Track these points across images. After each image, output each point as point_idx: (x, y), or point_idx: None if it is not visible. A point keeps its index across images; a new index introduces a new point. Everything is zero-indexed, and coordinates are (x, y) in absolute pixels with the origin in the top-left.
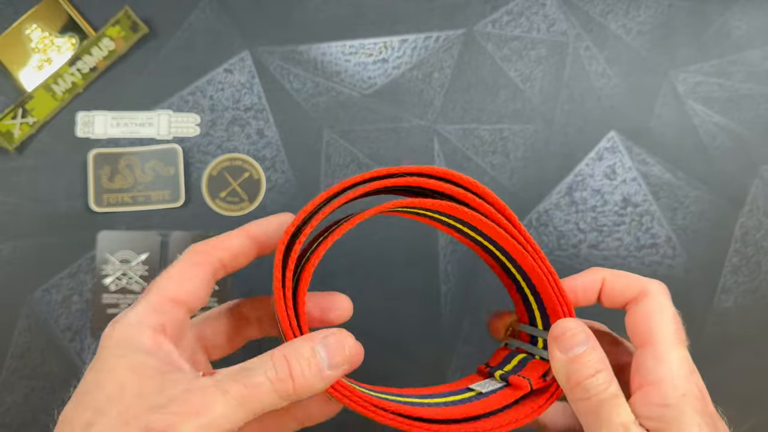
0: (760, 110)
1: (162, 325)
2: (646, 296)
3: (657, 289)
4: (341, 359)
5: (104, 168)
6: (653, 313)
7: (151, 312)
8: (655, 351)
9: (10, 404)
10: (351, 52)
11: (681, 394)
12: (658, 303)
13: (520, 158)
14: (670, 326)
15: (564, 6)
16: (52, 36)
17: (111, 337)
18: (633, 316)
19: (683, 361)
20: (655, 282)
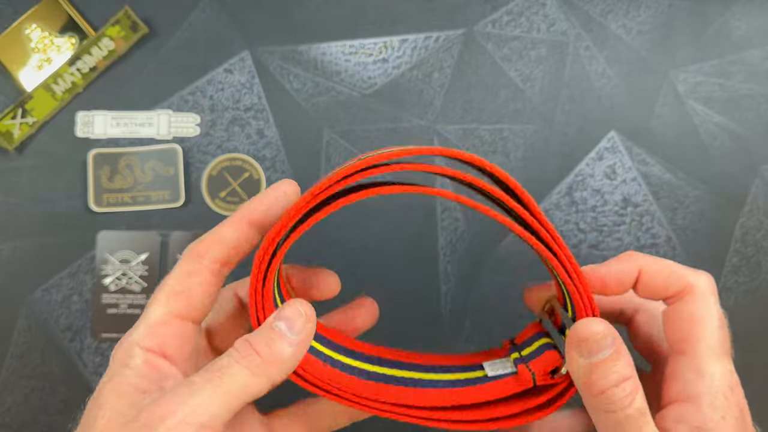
0: (760, 110)
1: (160, 346)
2: (692, 294)
3: (705, 287)
4: (301, 323)
5: (104, 168)
6: (699, 316)
7: (149, 332)
8: (696, 362)
9: (10, 404)
10: (351, 52)
11: (721, 416)
12: (705, 304)
13: (520, 158)
14: (716, 334)
15: (564, 6)
16: (52, 36)
17: (113, 359)
18: (674, 315)
19: (726, 376)
20: (702, 276)
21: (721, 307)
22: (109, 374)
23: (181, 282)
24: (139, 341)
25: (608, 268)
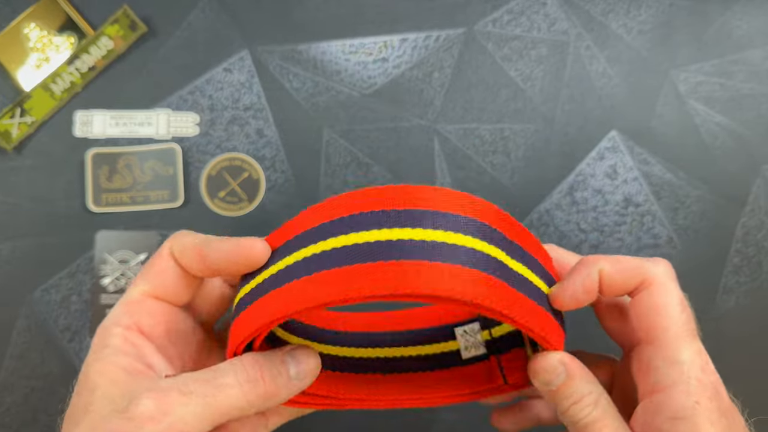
0: (761, 110)
1: (136, 323)
2: (650, 285)
3: (662, 275)
4: (306, 371)
5: (103, 168)
6: (660, 305)
7: (125, 311)
8: (665, 351)
9: (10, 404)
10: (351, 52)
11: (695, 402)
12: (664, 293)
13: (520, 158)
14: (679, 320)
15: (565, 5)
16: (51, 35)
17: (94, 341)
18: (637, 307)
19: (695, 359)
20: (659, 265)
21: (681, 290)
22: (93, 355)
23: (159, 264)
24: (116, 321)
25: (574, 283)
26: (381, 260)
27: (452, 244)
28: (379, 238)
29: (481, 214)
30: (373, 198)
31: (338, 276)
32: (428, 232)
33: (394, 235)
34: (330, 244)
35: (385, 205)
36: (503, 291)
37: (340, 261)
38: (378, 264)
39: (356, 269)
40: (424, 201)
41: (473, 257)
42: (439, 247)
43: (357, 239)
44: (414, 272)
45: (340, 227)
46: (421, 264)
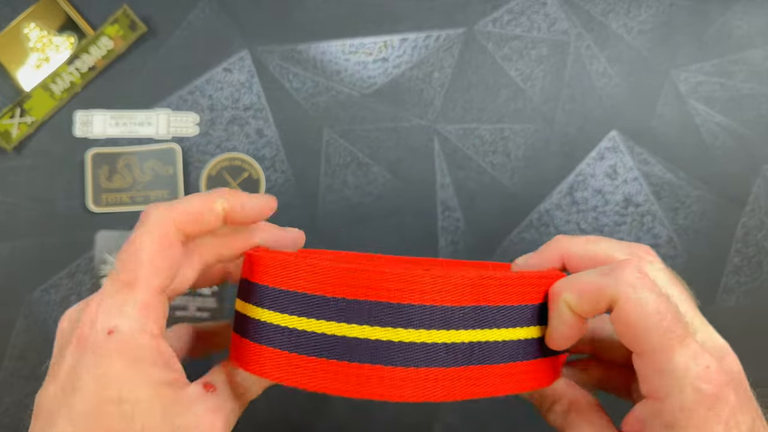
0: (761, 110)
1: (159, 328)
2: (617, 302)
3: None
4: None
5: (103, 168)
6: (633, 320)
7: (147, 314)
8: (653, 362)
9: (9, 404)
10: (351, 51)
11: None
12: (632, 307)
13: (521, 158)
14: (658, 328)
15: (565, 5)
16: (51, 35)
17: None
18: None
19: (690, 363)
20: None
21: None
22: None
23: (164, 254)
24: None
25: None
26: (353, 361)
27: (421, 343)
28: (355, 334)
29: (452, 293)
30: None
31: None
32: (398, 332)
33: (365, 333)
34: (321, 327)
35: (359, 294)
36: (464, 380)
37: (328, 351)
38: (351, 366)
39: (333, 367)
40: (397, 292)
41: (438, 353)
42: (405, 349)
43: (337, 330)
44: (376, 378)
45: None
46: (383, 369)
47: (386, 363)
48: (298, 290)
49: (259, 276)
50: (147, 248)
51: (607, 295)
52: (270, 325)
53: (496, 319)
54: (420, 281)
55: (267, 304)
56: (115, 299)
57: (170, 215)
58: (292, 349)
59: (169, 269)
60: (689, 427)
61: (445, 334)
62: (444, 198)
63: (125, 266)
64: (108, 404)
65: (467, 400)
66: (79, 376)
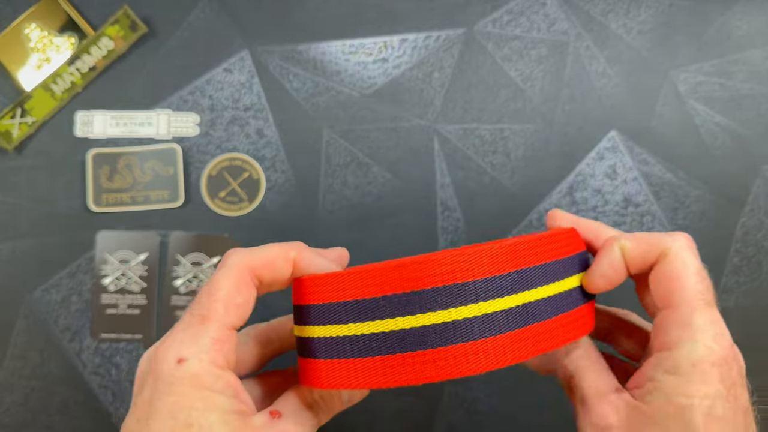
0: (761, 110)
1: (227, 362)
2: (665, 256)
3: (679, 246)
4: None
5: (103, 168)
6: (676, 274)
7: (217, 349)
8: (678, 314)
9: (9, 404)
10: (351, 52)
11: (694, 361)
12: (681, 262)
13: (520, 158)
14: (695, 287)
15: (564, 5)
16: (51, 35)
17: (182, 378)
18: (656, 277)
19: (708, 325)
20: (677, 237)
21: (701, 262)
22: (193, 397)
23: (240, 294)
24: (213, 360)
25: (602, 268)
26: (410, 351)
27: (473, 317)
28: (406, 325)
29: (495, 263)
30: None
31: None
32: (447, 313)
33: (419, 321)
34: (372, 327)
35: (405, 287)
36: (526, 340)
37: (381, 349)
38: (407, 356)
39: (394, 360)
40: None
41: (496, 322)
42: (460, 327)
43: (393, 326)
44: (451, 358)
45: (377, 309)
46: (445, 351)
47: (455, 341)
48: (348, 299)
49: (308, 297)
50: (223, 287)
51: (658, 247)
52: (326, 339)
53: (539, 277)
54: (466, 259)
55: (320, 321)
56: (188, 332)
57: (247, 260)
58: (355, 355)
59: (242, 308)
60: (692, 375)
61: (500, 302)
62: (444, 198)
63: (201, 302)
64: (180, 429)
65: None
66: (154, 404)
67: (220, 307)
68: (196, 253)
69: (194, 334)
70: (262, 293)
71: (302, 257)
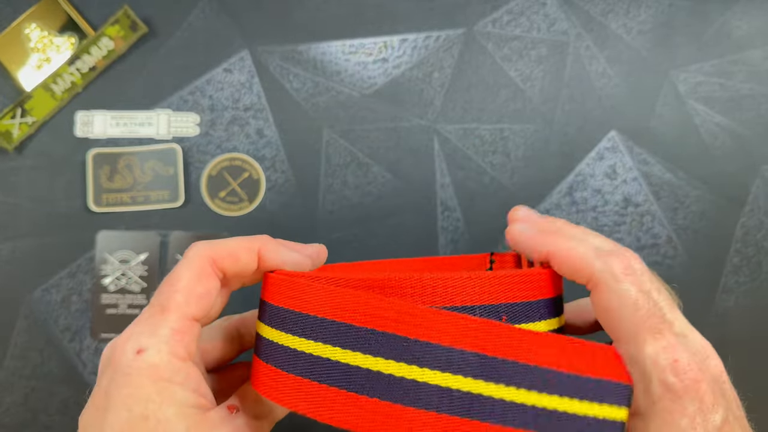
0: (761, 110)
1: (187, 353)
2: (597, 285)
3: (610, 274)
4: None
5: (103, 168)
6: (609, 307)
7: (177, 339)
8: (623, 350)
9: (9, 404)
10: (351, 52)
11: (651, 402)
12: (611, 294)
13: (520, 158)
14: (631, 317)
15: (565, 5)
16: (51, 35)
17: (139, 369)
18: (594, 306)
19: (660, 355)
20: (611, 259)
21: (644, 276)
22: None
23: (201, 284)
24: (172, 351)
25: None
26: (374, 396)
27: (435, 385)
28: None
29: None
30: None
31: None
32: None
33: (389, 368)
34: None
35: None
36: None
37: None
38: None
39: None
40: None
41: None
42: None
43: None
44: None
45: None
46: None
47: (412, 405)
48: (318, 315)
49: (268, 294)
50: (183, 278)
51: (587, 273)
52: (276, 344)
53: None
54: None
55: (275, 323)
56: (148, 323)
57: (208, 250)
58: (306, 375)
59: (203, 299)
60: (653, 417)
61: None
62: (444, 198)
63: (162, 293)
64: (135, 422)
65: None
66: (110, 395)
67: (180, 297)
68: None
69: (153, 325)
70: (233, 287)
71: (266, 249)
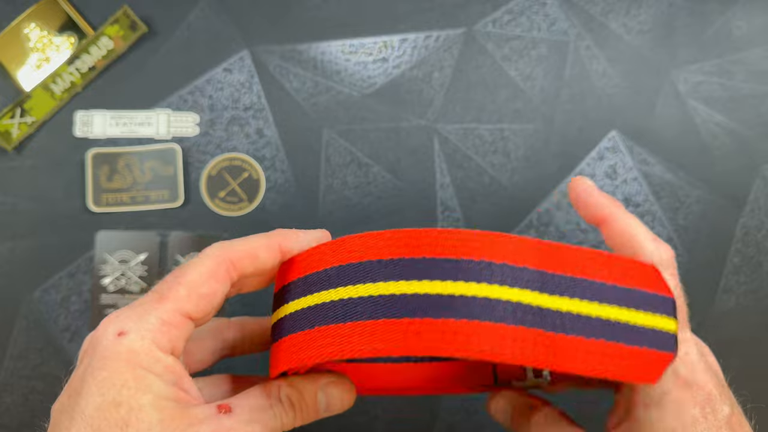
0: (761, 110)
1: (172, 347)
2: None
3: (662, 261)
4: (338, 408)
5: (103, 168)
6: None
7: (164, 331)
8: None
9: (9, 404)
10: (351, 52)
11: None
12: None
13: (520, 158)
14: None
15: (565, 5)
16: (51, 35)
17: (117, 352)
18: None
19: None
20: (662, 248)
21: (679, 281)
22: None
23: (207, 284)
24: (155, 340)
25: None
26: (425, 317)
27: (495, 299)
28: (423, 290)
29: (524, 256)
30: (415, 241)
31: (386, 328)
32: (471, 286)
33: (435, 288)
34: (380, 289)
35: (426, 252)
36: (540, 346)
37: (389, 312)
38: (423, 321)
39: (403, 324)
40: (464, 248)
41: (501, 310)
42: (482, 304)
43: (405, 288)
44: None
45: (387, 271)
46: (464, 324)
47: (449, 317)
48: (342, 263)
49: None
50: (191, 273)
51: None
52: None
53: (570, 287)
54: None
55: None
56: (139, 308)
57: (226, 251)
58: (337, 320)
59: (205, 299)
60: (666, 406)
61: (510, 292)
62: (444, 198)
63: (165, 282)
64: (107, 408)
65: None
66: (85, 379)
67: (183, 290)
68: (195, 253)
69: (144, 311)
70: (248, 288)
71: (287, 240)
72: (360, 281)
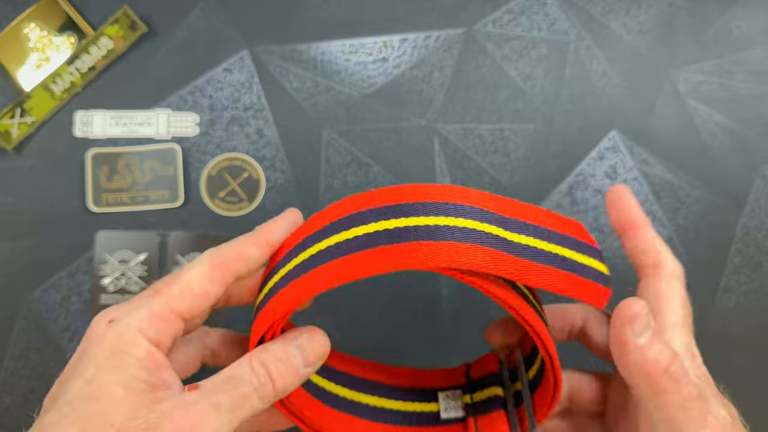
0: (761, 110)
1: (158, 339)
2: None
3: (672, 269)
4: (314, 358)
5: (103, 168)
6: (665, 294)
7: (152, 322)
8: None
9: (9, 404)
10: (351, 52)
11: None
12: (670, 284)
13: (520, 158)
14: (679, 311)
15: (565, 5)
16: (51, 35)
17: (104, 337)
18: (644, 292)
19: (685, 348)
20: (671, 258)
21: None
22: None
23: (202, 285)
24: (141, 328)
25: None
26: (399, 242)
27: (453, 226)
28: (389, 226)
29: (486, 203)
30: (384, 195)
31: (364, 256)
32: (431, 219)
33: (402, 223)
34: (352, 233)
35: (391, 201)
36: (507, 260)
37: (362, 245)
38: (397, 246)
39: (379, 251)
40: (427, 195)
41: (474, 235)
42: (459, 230)
43: (376, 227)
44: (429, 249)
45: (358, 219)
46: (431, 244)
47: (433, 239)
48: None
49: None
50: (188, 275)
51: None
52: (299, 264)
53: (522, 228)
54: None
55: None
56: (134, 302)
57: (219, 255)
58: (333, 257)
59: (198, 300)
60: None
61: (480, 225)
62: None
63: (161, 281)
64: (83, 388)
65: None
66: (75, 367)
67: (177, 288)
68: (195, 253)
69: (137, 304)
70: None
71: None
72: (353, 225)
